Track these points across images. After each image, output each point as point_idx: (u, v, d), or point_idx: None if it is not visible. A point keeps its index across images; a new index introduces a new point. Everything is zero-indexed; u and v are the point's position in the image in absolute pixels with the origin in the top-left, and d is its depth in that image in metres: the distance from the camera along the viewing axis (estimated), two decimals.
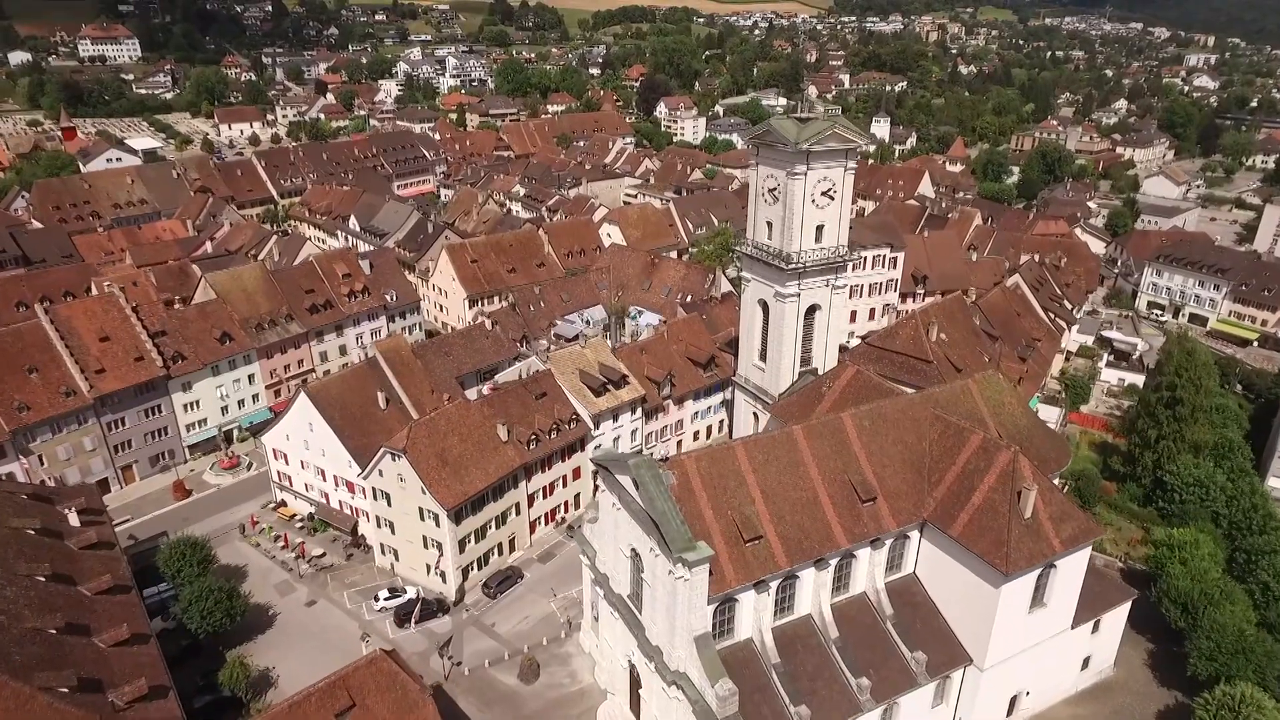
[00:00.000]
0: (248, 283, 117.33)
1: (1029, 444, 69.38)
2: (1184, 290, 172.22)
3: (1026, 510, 57.93)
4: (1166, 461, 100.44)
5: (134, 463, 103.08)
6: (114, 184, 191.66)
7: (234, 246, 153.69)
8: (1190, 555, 75.88)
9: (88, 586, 63.49)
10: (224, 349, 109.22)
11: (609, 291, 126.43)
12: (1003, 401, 71.43)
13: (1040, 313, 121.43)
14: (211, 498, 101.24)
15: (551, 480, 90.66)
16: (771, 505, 58.46)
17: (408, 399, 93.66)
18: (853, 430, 63.10)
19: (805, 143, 71.21)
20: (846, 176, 76.42)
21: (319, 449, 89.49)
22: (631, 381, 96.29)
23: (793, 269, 76.39)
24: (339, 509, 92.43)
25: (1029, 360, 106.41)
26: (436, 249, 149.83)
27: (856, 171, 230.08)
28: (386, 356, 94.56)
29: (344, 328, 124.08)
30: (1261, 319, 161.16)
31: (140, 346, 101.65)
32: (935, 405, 66.88)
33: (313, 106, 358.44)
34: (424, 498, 78.04)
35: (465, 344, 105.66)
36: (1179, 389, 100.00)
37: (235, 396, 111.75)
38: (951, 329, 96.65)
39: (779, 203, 76.09)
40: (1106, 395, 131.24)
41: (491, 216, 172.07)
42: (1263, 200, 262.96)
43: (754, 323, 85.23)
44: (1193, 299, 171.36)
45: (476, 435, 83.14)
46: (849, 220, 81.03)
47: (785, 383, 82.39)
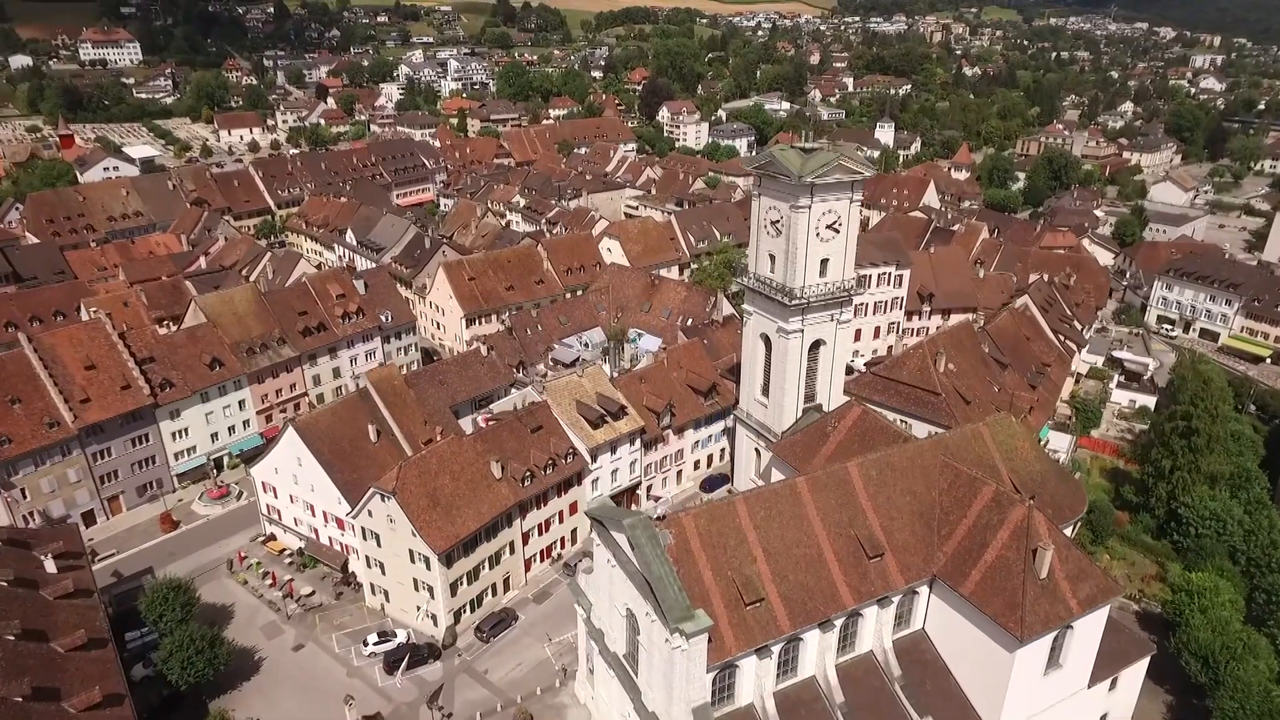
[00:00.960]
0: (239, 305, 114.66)
1: (1043, 491, 66.66)
2: (1195, 305, 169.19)
3: (1042, 570, 55.13)
4: (1181, 493, 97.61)
5: (121, 493, 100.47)
6: (109, 196, 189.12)
7: (228, 262, 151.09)
8: (1210, 603, 73.05)
9: (61, 643, 60.84)
10: (214, 375, 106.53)
11: (608, 313, 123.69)
12: (1015, 446, 68.63)
13: (1050, 335, 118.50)
14: (200, 529, 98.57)
15: (547, 517, 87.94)
16: (774, 564, 55.71)
17: (400, 431, 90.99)
18: (859, 481, 60.34)
19: (809, 175, 68.39)
20: (852, 208, 73.56)
21: (308, 484, 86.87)
22: (630, 412, 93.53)
23: (796, 305, 73.57)
24: (329, 545, 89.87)
25: (1039, 387, 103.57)
26: (433, 266, 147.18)
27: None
28: (378, 387, 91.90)
29: (338, 350, 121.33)
30: (1275, 335, 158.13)
31: (127, 374, 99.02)
32: (945, 452, 64.07)
33: (313, 111, 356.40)
34: (414, 540, 75.41)
35: (460, 371, 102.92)
36: (1195, 418, 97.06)
37: (225, 423, 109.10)
38: (960, 358, 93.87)
39: (782, 235, 73.29)
40: (1117, 418, 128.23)
41: (490, 230, 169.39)
42: (1272, 207, 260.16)
43: (756, 357, 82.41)
44: (1204, 313, 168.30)
45: (469, 473, 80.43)
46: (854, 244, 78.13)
47: (788, 420, 79.58)
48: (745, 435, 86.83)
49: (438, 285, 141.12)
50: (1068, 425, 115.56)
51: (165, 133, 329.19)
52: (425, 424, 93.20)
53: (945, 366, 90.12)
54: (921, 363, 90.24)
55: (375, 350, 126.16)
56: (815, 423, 75.55)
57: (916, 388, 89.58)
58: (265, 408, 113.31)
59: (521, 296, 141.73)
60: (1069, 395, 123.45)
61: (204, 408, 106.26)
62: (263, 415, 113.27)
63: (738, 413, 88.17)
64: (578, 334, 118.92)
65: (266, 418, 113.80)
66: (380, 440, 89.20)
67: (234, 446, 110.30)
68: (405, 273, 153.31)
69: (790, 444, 75.70)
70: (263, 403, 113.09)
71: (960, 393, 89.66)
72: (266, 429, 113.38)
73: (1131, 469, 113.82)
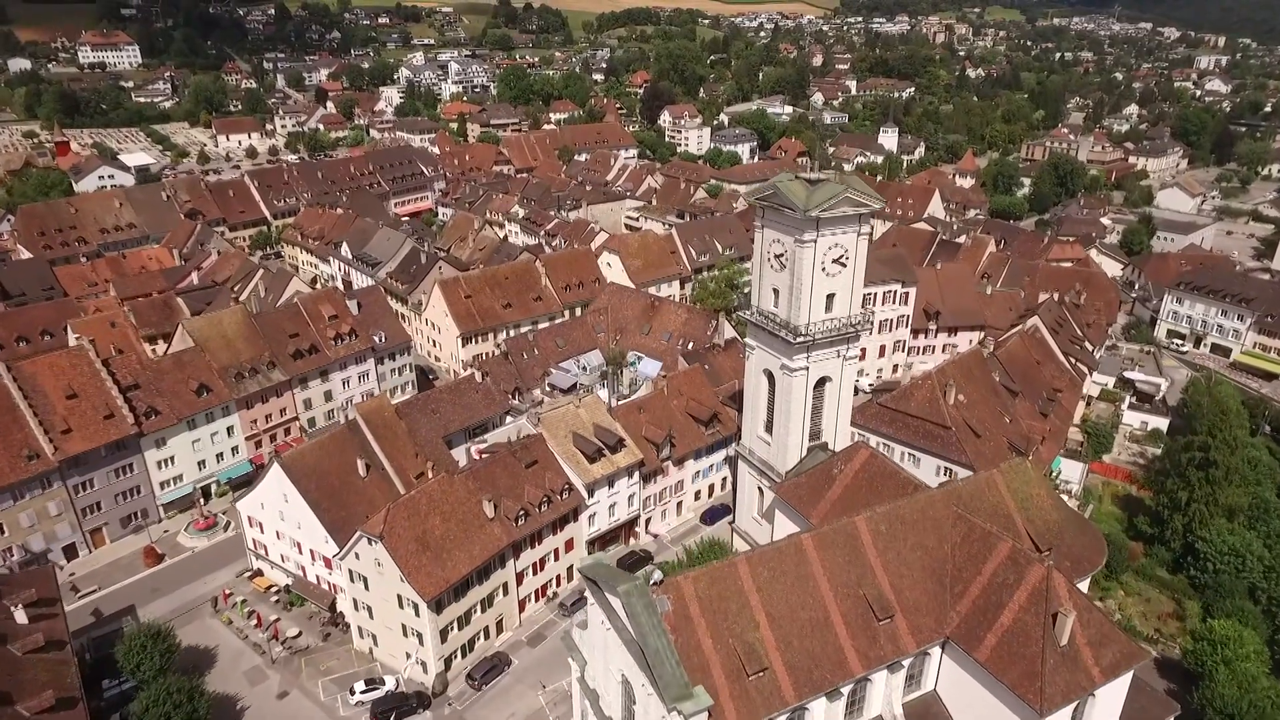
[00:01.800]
0: (228, 328, 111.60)
1: (1060, 542, 63.54)
2: (1206, 319, 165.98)
3: (1063, 637, 52.00)
4: (1198, 526, 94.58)
5: (104, 525, 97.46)
6: (101, 207, 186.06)
7: (221, 277, 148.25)
8: (1234, 654, 69.90)
9: (28, 706, 57.93)
10: (201, 401, 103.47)
11: (606, 335, 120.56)
12: (1031, 494, 65.42)
13: (1061, 358, 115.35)
14: (185, 563, 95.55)
15: (542, 555, 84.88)
16: (778, 630, 52.60)
17: (390, 465, 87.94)
18: (868, 536, 57.21)
19: (815, 209, 65.22)
20: (860, 242, 70.38)
21: (294, 521, 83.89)
22: (628, 444, 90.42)
23: (801, 342, 70.40)
24: (316, 584, 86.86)
25: (1050, 416, 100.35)
26: (429, 282, 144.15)
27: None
28: (368, 419, 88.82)
29: (329, 373, 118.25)
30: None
31: (110, 403, 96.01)
32: (958, 502, 60.91)
33: (312, 116, 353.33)
34: (402, 585, 72.35)
35: (453, 399, 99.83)
36: (1212, 449, 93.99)
37: (213, 450, 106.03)
38: (970, 388, 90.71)
39: (786, 270, 70.11)
40: (1129, 440, 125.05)
41: (488, 244, 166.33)
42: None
43: (759, 392, 79.20)
44: (1215, 328, 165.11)
45: (460, 513, 77.36)
46: (862, 283, 74.96)
47: (793, 459, 76.43)
48: (747, 472, 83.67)
49: (433, 303, 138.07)
50: (1079, 452, 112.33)
51: (163, 138, 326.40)
52: (416, 457, 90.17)
53: (955, 398, 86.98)
54: (931, 394, 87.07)
55: (369, 372, 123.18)
56: (821, 464, 72.42)
57: (926, 420, 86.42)
58: (255, 434, 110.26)
59: (519, 314, 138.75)
60: (1080, 419, 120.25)
61: (191, 435, 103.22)
62: (252, 441, 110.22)
63: (739, 449, 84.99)
64: (575, 357, 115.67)
65: (256, 444, 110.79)
66: (370, 475, 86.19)
67: (222, 474, 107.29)
68: (401, 289, 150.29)
69: (794, 486, 72.60)
70: (252, 428, 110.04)
71: (971, 426, 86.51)
72: (256, 455, 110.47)
73: (1144, 496, 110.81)
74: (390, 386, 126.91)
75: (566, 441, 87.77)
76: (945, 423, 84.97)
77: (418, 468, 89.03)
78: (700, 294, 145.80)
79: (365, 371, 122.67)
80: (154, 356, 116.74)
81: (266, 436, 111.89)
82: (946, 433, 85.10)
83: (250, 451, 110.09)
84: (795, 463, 76.40)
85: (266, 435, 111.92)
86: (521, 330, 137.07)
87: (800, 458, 76.56)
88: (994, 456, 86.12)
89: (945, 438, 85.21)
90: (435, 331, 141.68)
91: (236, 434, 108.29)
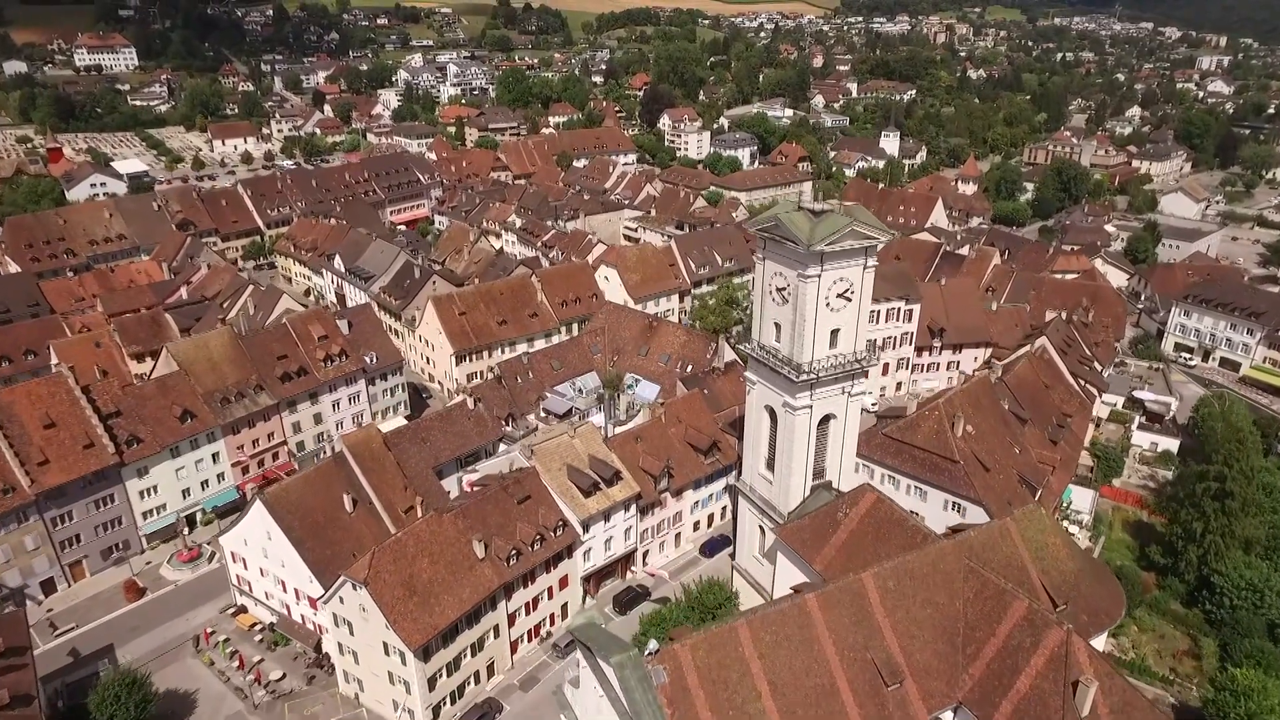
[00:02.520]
0: (214, 350, 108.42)
1: (1077, 595, 60.50)
2: (1214, 333, 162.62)
3: (1084, 707, 49.03)
4: (1214, 559, 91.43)
5: (84, 558, 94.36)
6: (91, 218, 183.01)
7: (210, 292, 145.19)
8: (1258, 706, 66.72)
9: None
10: (185, 428, 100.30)
11: (603, 356, 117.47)
12: (1046, 543, 62.36)
13: (1070, 380, 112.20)
14: (167, 597, 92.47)
15: (535, 595, 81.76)
16: (781, 700, 49.58)
17: (378, 500, 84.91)
18: (875, 594, 54.20)
19: (819, 243, 62.06)
20: (866, 275, 67.26)
21: (278, 559, 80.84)
22: (625, 477, 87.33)
23: (804, 380, 67.27)
24: (301, 623, 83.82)
25: (1060, 443, 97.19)
26: (423, 297, 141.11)
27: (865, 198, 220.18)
28: (355, 451, 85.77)
29: (319, 395, 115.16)
30: None
31: (90, 432, 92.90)
32: (970, 554, 57.90)
33: (309, 121, 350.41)
34: (388, 633, 69.28)
35: (444, 428, 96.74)
36: (1228, 480, 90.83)
37: (198, 478, 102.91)
38: (978, 418, 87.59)
39: (788, 304, 66.98)
40: (1139, 462, 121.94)
41: (483, 257, 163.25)
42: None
43: (760, 429, 76.02)
44: (1224, 342, 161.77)
45: (449, 554, 74.29)
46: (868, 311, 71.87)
47: (795, 499, 73.31)
48: (748, 509, 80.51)
49: (427, 320, 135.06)
50: (1089, 478, 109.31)
51: (158, 143, 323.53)
52: (406, 490, 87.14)
53: (963, 430, 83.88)
54: (938, 426, 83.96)
55: (360, 393, 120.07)
56: (825, 507, 69.32)
57: (933, 453, 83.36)
58: (241, 460, 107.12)
59: (514, 332, 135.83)
60: (1089, 441, 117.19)
61: (174, 463, 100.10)
62: (238, 468, 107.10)
63: (740, 485, 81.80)
64: (572, 379, 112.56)
65: (243, 470, 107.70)
66: (357, 510, 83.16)
67: (207, 502, 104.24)
68: (394, 304, 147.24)
69: (797, 529, 69.50)
70: (238, 454, 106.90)
71: (979, 459, 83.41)
72: (243, 481, 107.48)
73: (1156, 521, 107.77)
74: (382, 407, 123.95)
75: (560, 475, 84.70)
76: (953, 456, 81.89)
77: (406, 501, 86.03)
78: (700, 312, 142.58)
79: (356, 393, 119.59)
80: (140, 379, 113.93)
81: (254, 462, 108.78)
82: (954, 466, 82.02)
83: (237, 478, 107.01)
84: (798, 503, 73.28)
85: (254, 461, 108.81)
86: (516, 348, 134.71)
87: (803, 497, 73.44)
88: (1003, 490, 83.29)
89: (953, 472, 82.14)
90: (429, 349, 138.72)
91: (222, 460, 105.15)
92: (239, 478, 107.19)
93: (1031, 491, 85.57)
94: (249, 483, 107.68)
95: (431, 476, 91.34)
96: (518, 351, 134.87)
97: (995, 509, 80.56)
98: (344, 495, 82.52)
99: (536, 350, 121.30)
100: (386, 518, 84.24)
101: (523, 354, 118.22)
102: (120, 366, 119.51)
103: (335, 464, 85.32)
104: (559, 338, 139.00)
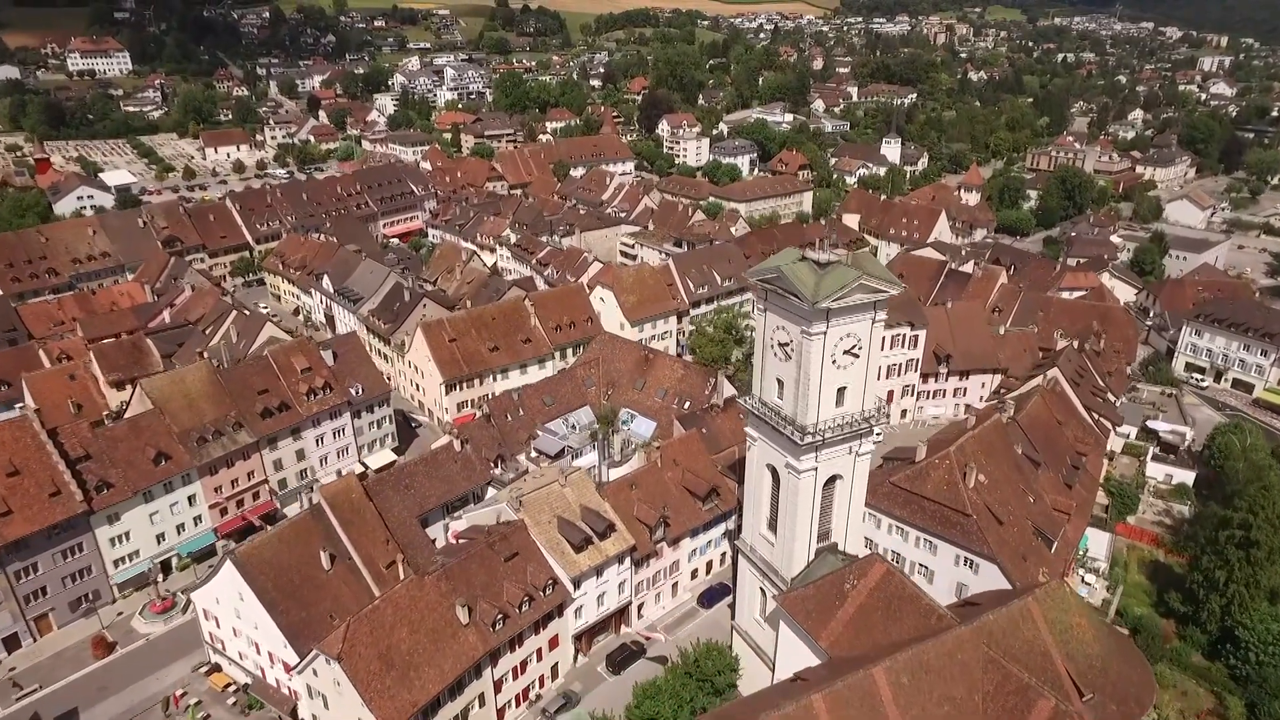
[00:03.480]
0: (191, 386, 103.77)
1: (1105, 681, 56.03)
2: (1226, 353, 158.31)
3: None
4: (1238, 611, 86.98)
5: (50, 610, 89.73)
6: (74, 236, 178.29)
7: (194, 316, 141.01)
8: None
9: None
10: (159, 471, 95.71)
11: (598, 389, 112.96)
12: (1070, 624, 57.88)
13: (1083, 414, 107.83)
14: (138, 653, 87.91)
15: (523, 658, 77.34)
16: None
17: (358, 555, 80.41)
18: (888, 691, 49.76)
19: (825, 300, 57.50)
20: (875, 329, 62.72)
21: (251, 621, 76.39)
22: (619, 529, 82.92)
23: (809, 443, 62.74)
24: (276, 687, 79.33)
25: (1075, 485, 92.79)
26: (413, 322, 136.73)
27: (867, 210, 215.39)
28: (333, 503, 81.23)
29: (302, 430, 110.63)
30: None
31: (57, 479, 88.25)
32: (989, 641, 53.48)
33: (302, 128, 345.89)
34: (364, 711, 64.77)
35: (429, 472, 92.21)
36: (1254, 529, 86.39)
37: (173, 522, 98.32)
38: (991, 466, 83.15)
39: (791, 361, 62.46)
40: (1154, 496, 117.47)
41: (476, 277, 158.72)
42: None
43: (761, 487, 71.39)
44: (1236, 363, 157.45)
45: (430, 621, 69.83)
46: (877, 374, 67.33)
47: (799, 564, 68.73)
48: (749, 569, 75.89)
49: (416, 347, 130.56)
50: (1104, 518, 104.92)
51: (149, 150, 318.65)
52: (388, 544, 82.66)
53: (975, 480, 79.45)
54: (949, 476, 79.59)
55: (345, 427, 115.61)
56: (831, 576, 64.74)
57: (944, 505, 78.98)
58: (219, 501, 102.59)
59: (507, 358, 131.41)
60: (1103, 476, 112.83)
61: (148, 507, 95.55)
62: (216, 509, 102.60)
63: (740, 543, 77.10)
64: (564, 415, 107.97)
65: (221, 511, 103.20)
66: (335, 567, 78.68)
67: (183, 547, 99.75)
68: (383, 328, 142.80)
69: (802, 598, 64.97)
70: (216, 495, 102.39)
71: (992, 511, 79.02)
72: (222, 524, 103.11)
73: (1173, 561, 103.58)
74: (369, 440, 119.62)
75: (550, 528, 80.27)
76: (965, 509, 77.53)
77: (388, 556, 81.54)
78: (698, 340, 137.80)
79: (341, 426, 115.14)
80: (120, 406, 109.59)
81: (233, 503, 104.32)
82: (966, 520, 77.66)
83: (215, 520, 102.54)
84: (802, 568, 68.72)
85: (233, 502, 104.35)
86: (509, 375, 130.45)
87: (807, 561, 68.89)
88: (1017, 545, 78.97)
89: (965, 525, 77.77)
90: (419, 375, 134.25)
91: (199, 502, 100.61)
92: (217, 520, 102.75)
93: (1047, 544, 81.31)
94: (229, 525, 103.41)
95: (416, 526, 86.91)
96: (510, 378, 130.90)
97: (1009, 565, 76.38)
98: (321, 552, 77.97)
99: (527, 385, 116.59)
100: (367, 574, 79.83)
101: (513, 390, 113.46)
102: (96, 400, 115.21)
103: (312, 517, 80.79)
104: (553, 363, 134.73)
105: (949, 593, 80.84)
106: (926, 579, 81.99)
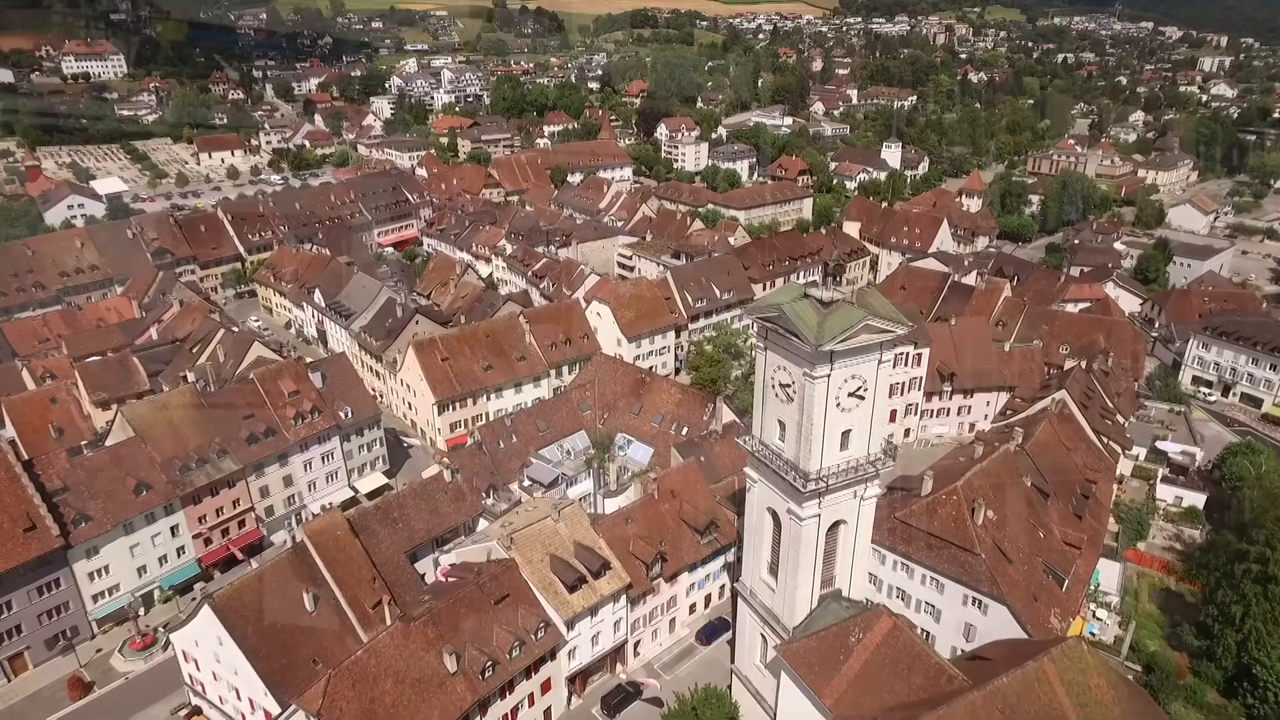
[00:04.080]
0: (173, 412, 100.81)
1: None
2: (1235, 367, 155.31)
3: None
4: (1255, 647, 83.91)
5: (26, 649, 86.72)
6: (61, 248, 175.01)
7: (182, 333, 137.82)
8: None
9: None
10: (139, 501, 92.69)
11: (593, 413, 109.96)
12: (1088, 684, 54.96)
13: (1092, 438, 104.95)
14: (116, 694, 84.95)
15: (514, 704, 74.36)
16: None
17: (342, 596, 77.25)
18: None
19: (829, 342, 54.53)
20: (881, 369, 59.76)
21: (231, 667, 73.35)
22: (614, 567, 79.91)
23: (812, 490, 59.75)
24: None
25: (1086, 516, 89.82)
26: (405, 339, 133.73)
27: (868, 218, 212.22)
28: (317, 541, 78.12)
29: (289, 456, 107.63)
30: None
31: (33, 513, 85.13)
32: (1003, 705, 50.57)
33: (298, 132, 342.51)
34: None
35: (418, 504, 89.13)
36: (1272, 564, 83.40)
37: (154, 554, 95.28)
38: (1000, 502, 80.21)
39: (793, 403, 59.48)
40: (1164, 520, 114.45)
41: (470, 291, 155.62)
42: None
43: (762, 531, 68.34)
44: (1245, 378, 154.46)
45: (416, 671, 66.84)
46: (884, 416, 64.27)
47: (801, 612, 65.74)
48: (749, 614, 72.85)
49: (408, 365, 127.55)
50: (1114, 546, 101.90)
51: (143, 156, 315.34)
52: (374, 582, 79.55)
53: (984, 517, 76.52)
54: (957, 513, 76.66)
55: (334, 451, 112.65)
56: (836, 627, 61.79)
57: (951, 543, 76.03)
58: (203, 531, 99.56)
59: (501, 377, 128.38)
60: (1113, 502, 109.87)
61: (128, 539, 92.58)
62: (200, 539, 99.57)
63: (739, 586, 74.04)
64: (559, 441, 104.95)
65: (205, 541, 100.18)
66: (319, 609, 75.66)
67: (165, 580, 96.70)
68: (375, 345, 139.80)
69: (804, 650, 62.01)
70: (200, 525, 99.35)
71: (1001, 549, 76.16)
72: (206, 554, 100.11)
73: (1185, 590, 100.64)
74: (359, 464, 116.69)
75: (543, 567, 77.27)
76: (974, 548, 74.61)
77: (374, 596, 78.39)
78: (696, 360, 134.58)
79: (330, 451, 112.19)
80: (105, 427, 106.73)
81: (217, 532, 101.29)
82: (975, 559, 74.72)
83: (199, 551, 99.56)
84: (804, 616, 65.74)
85: (217, 531, 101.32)
86: (503, 394, 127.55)
87: (810, 609, 65.90)
88: (1027, 584, 76.08)
89: (973, 564, 74.84)
90: (411, 394, 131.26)
91: (182, 533, 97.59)
92: (201, 550, 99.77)
93: (1058, 582, 78.37)
94: (213, 555, 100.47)
95: (404, 563, 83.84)
96: (504, 397, 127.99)
97: (1019, 607, 73.45)
98: (304, 593, 74.93)
99: (521, 410, 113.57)
100: (352, 615, 76.75)
101: (505, 415, 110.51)
102: (78, 424, 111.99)
103: (295, 557, 77.74)
104: (548, 382, 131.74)
105: (956, 632, 78.06)
106: (933, 618, 79.14)
